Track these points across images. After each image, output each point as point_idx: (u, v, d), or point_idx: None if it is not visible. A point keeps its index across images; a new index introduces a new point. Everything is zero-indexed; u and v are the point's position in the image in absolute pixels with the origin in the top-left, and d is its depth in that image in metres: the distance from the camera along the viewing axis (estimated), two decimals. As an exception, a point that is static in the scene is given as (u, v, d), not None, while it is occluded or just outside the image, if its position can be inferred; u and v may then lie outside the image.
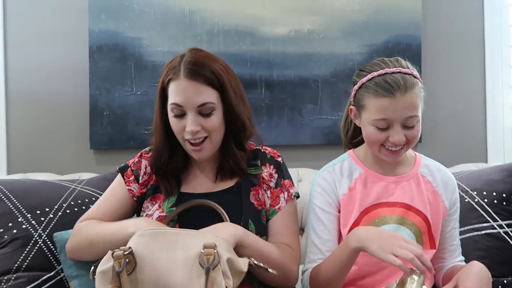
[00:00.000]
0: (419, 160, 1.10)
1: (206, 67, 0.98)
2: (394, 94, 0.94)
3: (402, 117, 0.95)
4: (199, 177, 1.09)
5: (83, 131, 1.65)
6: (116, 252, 0.79)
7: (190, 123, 0.98)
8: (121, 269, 0.77)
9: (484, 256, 1.20)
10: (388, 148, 0.99)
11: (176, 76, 0.98)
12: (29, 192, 1.25)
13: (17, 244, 1.17)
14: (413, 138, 0.99)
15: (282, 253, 1.00)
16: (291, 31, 1.68)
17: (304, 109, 1.69)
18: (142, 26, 1.65)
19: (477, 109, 1.76)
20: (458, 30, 1.75)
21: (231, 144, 1.05)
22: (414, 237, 1.03)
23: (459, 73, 1.75)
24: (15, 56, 1.66)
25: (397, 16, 1.69)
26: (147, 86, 1.65)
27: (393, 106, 0.94)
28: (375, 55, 1.68)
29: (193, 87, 0.97)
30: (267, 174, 1.09)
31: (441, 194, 1.06)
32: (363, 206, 1.04)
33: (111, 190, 1.12)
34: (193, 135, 0.99)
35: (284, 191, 1.08)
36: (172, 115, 1.00)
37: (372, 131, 0.98)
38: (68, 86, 1.67)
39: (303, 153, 1.69)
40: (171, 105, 0.99)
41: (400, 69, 0.97)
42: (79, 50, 1.65)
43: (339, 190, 1.06)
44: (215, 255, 0.78)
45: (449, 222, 1.08)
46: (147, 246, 0.81)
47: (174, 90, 0.99)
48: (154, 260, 0.79)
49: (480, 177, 1.32)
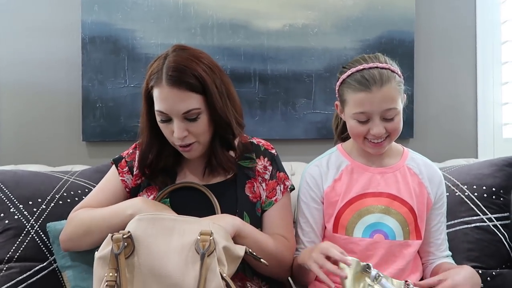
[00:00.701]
0: (406, 153, 1.13)
1: (188, 72, 0.95)
2: (371, 88, 0.98)
3: (380, 109, 0.99)
4: (194, 169, 1.09)
5: (75, 123, 1.64)
6: (115, 235, 0.80)
7: (176, 130, 0.97)
8: (119, 251, 0.78)
9: (473, 249, 1.22)
10: (371, 141, 1.03)
11: (158, 82, 0.96)
12: (21, 182, 1.24)
13: (9, 235, 1.17)
14: (394, 131, 1.03)
15: (278, 244, 1.02)
16: (285, 25, 1.69)
17: (297, 103, 1.69)
18: (135, 18, 1.64)
19: (468, 105, 1.78)
20: (450, 27, 1.77)
21: (217, 145, 1.04)
22: (400, 227, 1.05)
23: (451, 70, 1.77)
24: (7, 47, 1.64)
25: (390, 12, 1.71)
26: (140, 79, 1.64)
27: (370, 100, 0.99)
28: (368, 50, 1.69)
29: (175, 95, 0.95)
30: (262, 166, 1.10)
31: (427, 187, 1.09)
32: (348, 196, 1.07)
33: (105, 181, 1.12)
34: (181, 141, 0.99)
35: (280, 184, 1.10)
36: (159, 120, 1.00)
37: (353, 125, 1.03)
38: (60, 78, 1.65)
39: (296, 147, 1.70)
40: (157, 111, 0.99)
41: (377, 64, 1.01)
42: (72, 41, 1.64)
43: (324, 183, 1.09)
44: (210, 242, 0.79)
45: (435, 216, 1.10)
46: (146, 231, 0.82)
47: (157, 97, 0.97)
48: (152, 245, 0.80)
49: (470, 171, 1.34)
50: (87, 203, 1.08)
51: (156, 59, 1.01)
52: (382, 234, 1.04)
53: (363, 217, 1.05)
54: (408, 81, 1.71)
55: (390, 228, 1.05)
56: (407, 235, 1.05)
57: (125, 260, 0.78)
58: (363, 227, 1.05)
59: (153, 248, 0.80)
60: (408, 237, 1.05)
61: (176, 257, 0.79)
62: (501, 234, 1.25)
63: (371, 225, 1.05)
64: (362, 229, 1.05)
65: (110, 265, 0.78)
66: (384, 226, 1.05)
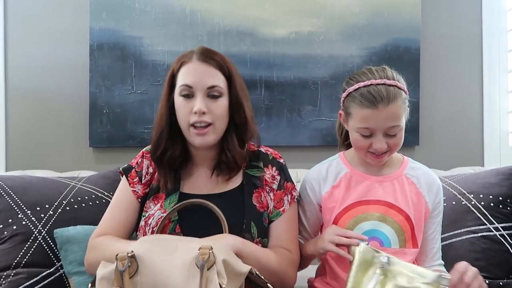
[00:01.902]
0: (405, 163, 1.13)
1: (218, 56, 1.04)
2: (377, 106, 0.99)
3: (384, 127, 1.01)
4: (201, 178, 1.09)
5: (82, 129, 1.66)
6: (120, 254, 0.82)
7: (198, 102, 1.00)
8: (124, 268, 0.79)
9: (480, 258, 1.21)
10: (372, 153, 1.05)
11: (189, 60, 1.03)
12: (29, 188, 1.25)
13: (16, 240, 1.17)
14: (395, 146, 1.05)
15: (280, 260, 1.01)
16: (291, 32, 1.70)
17: (303, 110, 1.70)
18: (143, 25, 1.65)
19: (474, 113, 1.78)
20: (456, 34, 1.77)
21: (233, 138, 1.06)
22: (396, 235, 1.06)
23: (456, 77, 1.77)
24: (16, 53, 1.66)
25: (396, 20, 1.71)
26: (147, 85, 1.65)
27: (376, 117, 1.00)
28: (374, 57, 1.70)
29: (204, 69, 1.01)
30: (270, 176, 1.09)
31: (424, 196, 1.09)
32: (345, 203, 1.08)
33: (118, 196, 1.10)
34: (199, 116, 1.00)
35: (287, 194, 1.09)
36: (181, 98, 1.02)
37: (356, 138, 1.05)
38: (68, 84, 1.67)
39: (302, 154, 1.70)
40: (181, 86, 1.02)
41: (385, 81, 1.01)
42: (80, 48, 1.66)
43: (322, 189, 1.11)
44: (210, 254, 0.80)
45: (431, 225, 1.11)
46: (149, 250, 0.84)
47: (185, 72, 1.02)
48: (154, 263, 0.82)
49: (476, 180, 1.33)
50: (105, 226, 1.06)
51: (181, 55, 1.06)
52: (377, 241, 1.05)
53: (359, 224, 1.06)
54: (414, 89, 1.72)
55: (386, 236, 1.05)
56: (403, 243, 1.06)
57: (130, 279, 0.80)
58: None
59: (156, 266, 0.81)
60: (404, 245, 1.06)
61: (177, 273, 0.80)
62: (508, 244, 1.24)
63: (367, 232, 1.05)
64: None
65: (115, 283, 0.79)
66: (380, 233, 1.05)
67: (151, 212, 1.05)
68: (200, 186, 1.08)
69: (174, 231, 1.00)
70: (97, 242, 1.03)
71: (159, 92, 1.64)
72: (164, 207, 1.04)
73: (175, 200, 1.04)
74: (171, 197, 1.05)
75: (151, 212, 1.05)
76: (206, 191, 1.06)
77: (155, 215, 1.03)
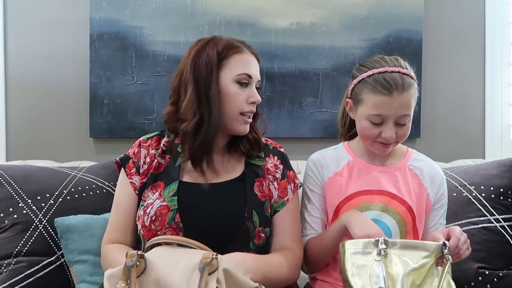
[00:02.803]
0: (409, 154, 1.13)
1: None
2: (392, 93, 0.99)
3: (396, 115, 1.01)
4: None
5: (83, 120, 1.65)
6: (130, 251, 0.85)
7: (256, 94, 1.07)
8: (132, 263, 0.82)
9: (480, 249, 1.22)
10: (380, 142, 1.04)
11: (243, 50, 1.07)
12: (30, 177, 1.25)
13: (17, 229, 1.18)
14: (402, 136, 1.05)
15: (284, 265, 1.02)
16: (292, 23, 1.68)
17: (304, 102, 1.69)
18: (143, 15, 1.64)
19: (476, 106, 1.77)
20: (459, 26, 1.76)
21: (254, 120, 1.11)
22: (397, 226, 1.06)
23: (459, 69, 1.76)
24: (15, 43, 1.65)
25: (398, 11, 1.70)
26: (147, 76, 1.65)
27: (389, 104, 1.00)
28: (376, 49, 1.69)
29: (256, 63, 1.09)
30: (272, 165, 1.10)
31: (426, 187, 1.09)
32: (348, 192, 1.08)
33: (119, 194, 1.10)
34: (253, 106, 1.06)
35: (290, 183, 1.10)
36: (236, 85, 1.04)
37: (366, 125, 1.04)
38: (68, 74, 1.66)
39: (303, 146, 1.70)
40: (241, 75, 1.04)
41: (400, 69, 1.02)
42: (80, 38, 1.65)
43: (325, 173, 1.11)
44: (212, 258, 0.83)
45: (433, 217, 1.11)
46: (158, 255, 0.87)
47: (244, 62, 1.06)
48: (161, 265, 0.85)
49: (478, 171, 1.33)
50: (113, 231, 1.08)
51: (225, 40, 1.07)
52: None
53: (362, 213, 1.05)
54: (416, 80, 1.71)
55: (387, 226, 1.05)
56: (404, 235, 1.06)
57: (137, 278, 0.83)
58: None
59: (162, 268, 0.85)
60: (405, 236, 1.06)
61: (180, 274, 0.83)
62: (509, 235, 1.24)
63: None
64: None
65: (123, 277, 0.82)
66: (382, 224, 1.05)
67: (149, 201, 1.04)
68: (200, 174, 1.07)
69: (173, 220, 1.00)
70: (105, 252, 1.06)
71: (160, 83, 1.66)
72: (163, 196, 1.03)
73: (175, 189, 1.04)
74: (170, 186, 1.04)
75: (149, 201, 1.04)
76: (207, 180, 1.06)
77: (154, 204, 1.02)
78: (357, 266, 0.88)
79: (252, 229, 1.01)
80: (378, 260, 0.87)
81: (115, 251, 1.03)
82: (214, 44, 1.05)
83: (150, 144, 1.09)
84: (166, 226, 1.00)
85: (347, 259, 0.89)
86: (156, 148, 1.09)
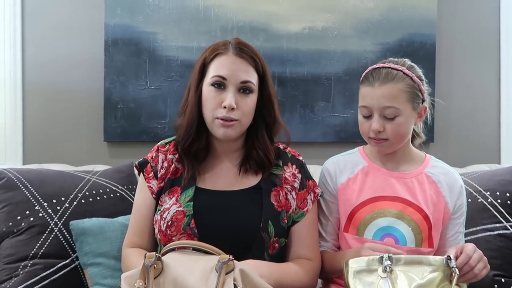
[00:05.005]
0: (427, 161, 1.11)
1: (254, 52, 1.05)
2: (373, 83, 1.02)
3: (379, 106, 1.02)
4: (219, 173, 1.08)
5: (97, 124, 1.67)
6: (149, 253, 0.86)
7: (229, 97, 1.00)
8: (151, 263, 0.83)
9: (496, 256, 1.20)
10: (373, 138, 1.05)
11: (225, 52, 1.03)
12: (45, 181, 1.28)
13: (33, 232, 1.20)
14: (394, 133, 1.03)
15: (301, 273, 1.02)
16: (304, 28, 1.69)
17: (316, 106, 1.69)
18: (157, 21, 1.66)
19: (491, 109, 1.74)
20: (473, 29, 1.74)
21: (264, 136, 1.06)
22: (412, 233, 1.05)
23: (473, 73, 1.74)
24: (32, 49, 1.69)
25: (411, 14, 1.69)
26: (160, 81, 1.66)
27: (371, 94, 1.02)
28: (388, 53, 1.67)
29: (240, 63, 1.02)
30: (290, 174, 1.08)
31: (445, 196, 1.07)
32: (362, 198, 1.07)
33: (138, 199, 1.11)
34: (227, 111, 1.00)
35: (310, 193, 1.09)
36: (212, 88, 1.02)
37: (360, 120, 1.07)
38: (83, 79, 1.69)
39: (314, 151, 1.69)
40: (215, 77, 1.01)
41: (391, 64, 1.04)
42: (95, 43, 1.67)
43: (339, 180, 1.11)
44: (229, 259, 0.84)
45: (453, 226, 1.09)
46: (175, 258, 0.89)
47: (220, 64, 1.02)
48: (178, 267, 0.86)
49: (493, 177, 1.31)
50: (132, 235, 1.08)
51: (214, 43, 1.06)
52: (393, 239, 1.04)
53: (376, 220, 1.05)
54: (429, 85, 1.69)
55: (402, 234, 1.04)
56: (419, 242, 1.04)
57: (154, 280, 0.84)
58: (375, 229, 1.05)
59: (179, 268, 0.86)
60: (420, 245, 1.05)
61: (197, 275, 0.84)
62: (525, 242, 1.22)
63: (383, 228, 1.05)
64: (373, 231, 1.05)
65: (141, 276, 0.83)
66: (396, 231, 1.04)
67: (166, 206, 1.05)
68: (218, 181, 1.07)
69: (188, 225, 1.01)
70: (124, 255, 1.07)
71: (173, 88, 1.68)
72: (180, 201, 1.04)
73: (191, 195, 1.04)
74: (187, 192, 1.05)
75: (166, 206, 1.05)
76: (224, 187, 1.06)
77: (171, 209, 1.03)
78: (364, 284, 0.88)
79: (267, 239, 1.01)
80: (384, 277, 0.87)
81: (133, 256, 1.04)
82: (206, 50, 1.06)
83: (168, 149, 1.10)
84: (181, 231, 1.00)
85: (350, 277, 0.89)
86: (174, 153, 1.09)
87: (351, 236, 1.07)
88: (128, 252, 1.07)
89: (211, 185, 1.07)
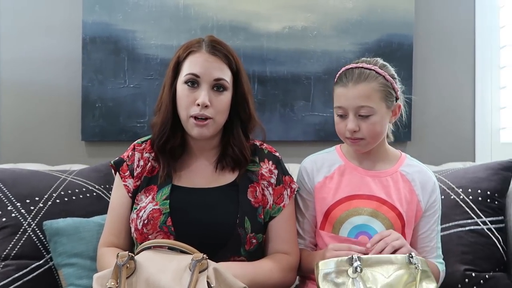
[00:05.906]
0: (402, 159, 1.13)
1: (227, 49, 1.05)
2: (347, 84, 1.04)
3: (354, 105, 1.03)
4: (196, 171, 1.08)
5: (74, 123, 1.65)
6: (121, 253, 0.86)
7: (202, 95, 1.00)
8: (123, 263, 0.83)
9: (467, 252, 1.23)
10: (349, 138, 1.06)
11: (198, 49, 1.03)
12: (19, 181, 1.25)
13: (6, 233, 1.18)
14: (369, 132, 1.05)
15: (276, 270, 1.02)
16: (284, 27, 1.70)
17: (296, 105, 1.70)
18: (136, 18, 1.65)
19: (466, 109, 1.78)
20: (449, 31, 1.78)
21: (239, 132, 1.07)
22: None
23: (449, 73, 1.78)
24: (7, 46, 1.65)
25: (390, 16, 1.71)
26: (140, 79, 1.65)
27: (345, 94, 1.04)
28: (367, 53, 1.69)
29: (213, 61, 1.02)
30: (267, 170, 1.09)
31: (418, 194, 1.09)
32: (338, 196, 1.09)
33: (113, 197, 1.10)
34: (201, 109, 1.00)
35: (286, 188, 1.09)
36: (185, 86, 1.02)
37: (336, 120, 1.08)
38: (60, 78, 1.66)
39: (294, 149, 1.70)
40: (188, 75, 1.01)
41: (363, 64, 1.06)
42: (72, 41, 1.65)
43: (315, 178, 1.12)
44: (203, 257, 0.84)
45: (424, 224, 1.11)
46: (148, 257, 0.88)
47: (193, 62, 1.02)
48: (150, 265, 0.86)
49: (466, 174, 1.34)
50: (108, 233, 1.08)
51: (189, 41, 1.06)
52: (367, 236, 1.06)
53: (351, 218, 1.07)
54: (406, 85, 1.71)
55: (376, 231, 1.05)
56: None
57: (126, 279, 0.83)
58: (350, 227, 1.06)
59: (151, 268, 0.85)
60: None
61: (170, 274, 0.84)
62: (495, 238, 1.25)
63: (358, 226, 1.06)
64: (348, 229, 1.06)
65: (113, 275, 0.83)
66: (370, 228, 1.06)
67: (142, 204, 1.04)
68: (195, 179, 1.07)
69: (165, 223, 1.00)
70: (99, 255, 1.07)
71: (152, 86, 1.67)
72: (156, 200, 1.03)
73: (167, 193, 1.04)
74: (163, 190, 1.04)
75: (142, 204, 1.04)
76: (200, 185, 1.06)
77: (147, 208, 1.02)
78: (334, 285, 0.89)
79: (244, 235, 1.01)
80: (354, 278, 0.89)
81: (108, 255, 1.03)
82: (179, 48, 1.06)
83: (144, 148, 1.10)
84: (157, 229, 1.00)
85: (320, 279, 0.91)
86: (150, 151, 1.09)
87: (327, 234, 1.08)
88: (103, 252, 1.06)
89: (187, 182, 1.06)
